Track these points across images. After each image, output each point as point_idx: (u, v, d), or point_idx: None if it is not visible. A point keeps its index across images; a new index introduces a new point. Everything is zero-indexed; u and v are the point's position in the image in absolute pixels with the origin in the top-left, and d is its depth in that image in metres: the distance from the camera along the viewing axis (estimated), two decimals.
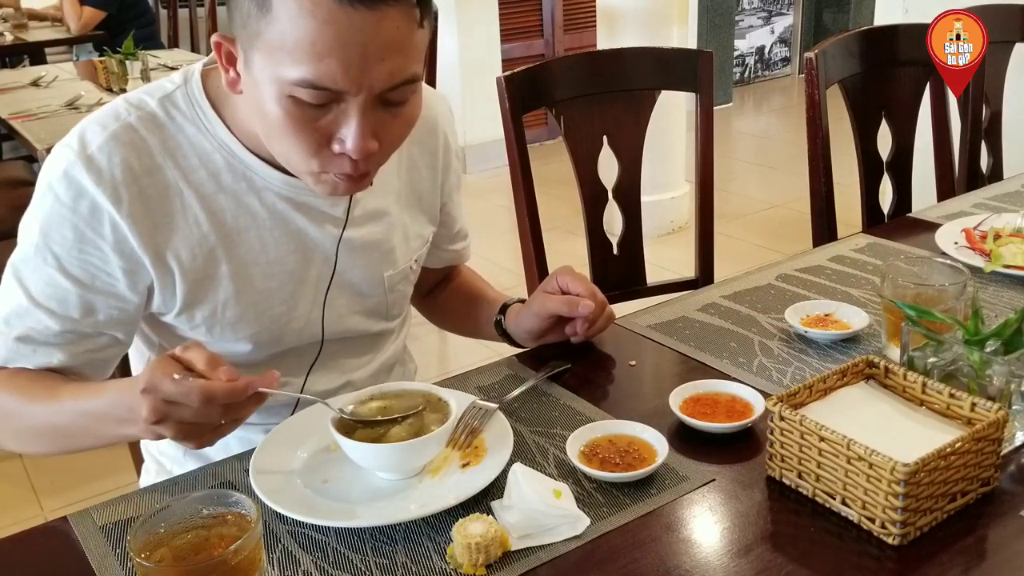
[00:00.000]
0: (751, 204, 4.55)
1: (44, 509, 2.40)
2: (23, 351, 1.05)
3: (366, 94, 0.93)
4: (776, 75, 7.12)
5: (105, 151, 1.02)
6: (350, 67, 0.90)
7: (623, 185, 1.82)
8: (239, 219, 1.09)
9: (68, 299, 1.04)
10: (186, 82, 1.08)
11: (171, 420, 0.88)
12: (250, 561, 0.79)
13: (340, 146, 0.96)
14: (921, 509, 0.87)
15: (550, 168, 3.90)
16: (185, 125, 1.06)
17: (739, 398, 1.10)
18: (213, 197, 1.07)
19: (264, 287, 1.12)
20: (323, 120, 0.95)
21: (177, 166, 1.06)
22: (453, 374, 1.24)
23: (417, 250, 1.27)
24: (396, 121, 0.98)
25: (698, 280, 1.87)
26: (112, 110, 1.06)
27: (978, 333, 1.00)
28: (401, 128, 1.00)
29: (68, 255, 1.03)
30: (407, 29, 0.92)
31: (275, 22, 0.89)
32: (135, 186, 1.03)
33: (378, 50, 0.90)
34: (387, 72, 0.92)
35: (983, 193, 1.87)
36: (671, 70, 1.83)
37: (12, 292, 1.05)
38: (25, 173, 3.39)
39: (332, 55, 0.89)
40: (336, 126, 0.95)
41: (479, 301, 1.40)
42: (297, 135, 0.95)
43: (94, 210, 1.02)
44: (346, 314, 1.21)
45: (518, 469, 0.95)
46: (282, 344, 1.17)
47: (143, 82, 3.45)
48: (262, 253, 1.11)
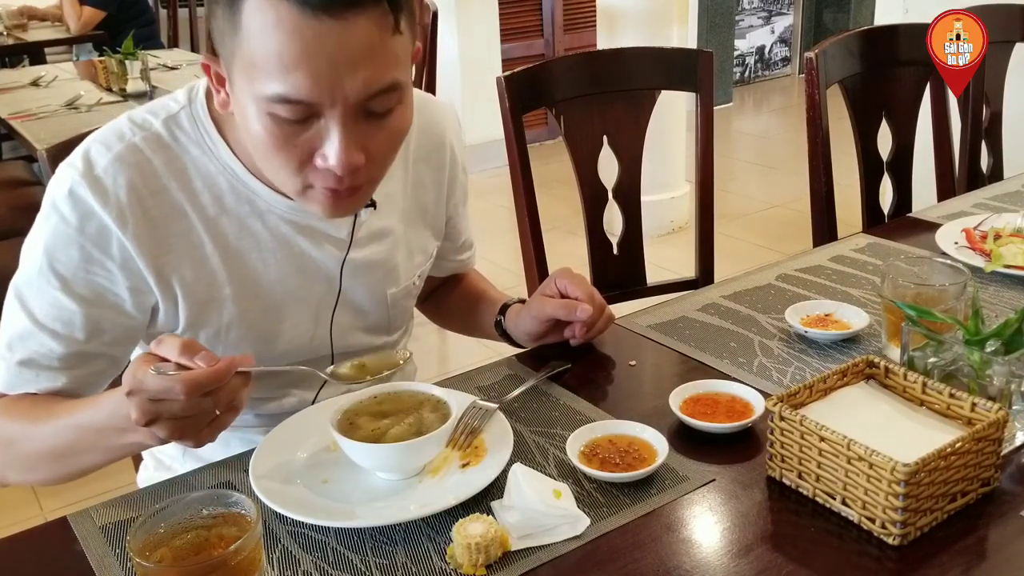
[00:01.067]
0: (751, 204, 4.54)
1: (44, 509, 2.40)
2: (26, 376, 1.04)
3: (342, 106, 0.91)
4: (776, 75, 7.12)
5: (111, 172, 1.01)
6: (319, 78, 0.88)
7: (623, 185, 1.82)
8: (242, 241, 1.08)
9: (73, 321, 1.03)
10: (191, 102, 1.07)
11: (163, 419, 0.86)
12: (250, 561, 0.79)
13: (323, 161, 0.94)
14: (921, 509, 0.87)
15: (550, 168, 3.90)
16: (190, 147, 1.05)
17: (739, 398, 1.10)
18: (216, 220, 1.06)
19: (267, 308, 1.12)
20: (304, 135, 0.93)
21: (182, 188, 1.05)
22: (453, 374, 1.24)
23: (420, 266, 1.26)
24: (382, 132, 0.96)
25: (698, 280, 1.87)
26: (116, 130, 1.05)
27: (978, 333, 1.00)
28: (389, 139, 0.98)
29: (74, 276, 1.02)
30: (380, 36, 0.89)
31: (246, 39, 0.89)
32: (140, 208, 1.02)
33: (348, 59, 0.88)
34: (361, 82, 0.90)
35: (983, 193, 1.87)
36: (671, 70, 1.83)
37: (15, 315, 1.04)
38: (25, 173, 3.39)
39: (300, 67, 0.87)
40: (318, 141, 0.93)
41: (481, 302, 1.40)
42: (281, 153, 0.94)
43: (101, 231, 1.01)
44: (348, 331, 1.20)
45: (518, 469, 0.95)
46: (288, 361, 1.16)
47: (143, 82, 3.45)
48: (264, 275, 1.10)
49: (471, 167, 1.41)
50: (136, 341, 1.10)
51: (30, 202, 3.01)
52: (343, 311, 1.18)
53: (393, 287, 1.22)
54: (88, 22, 4.93)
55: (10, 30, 5.14)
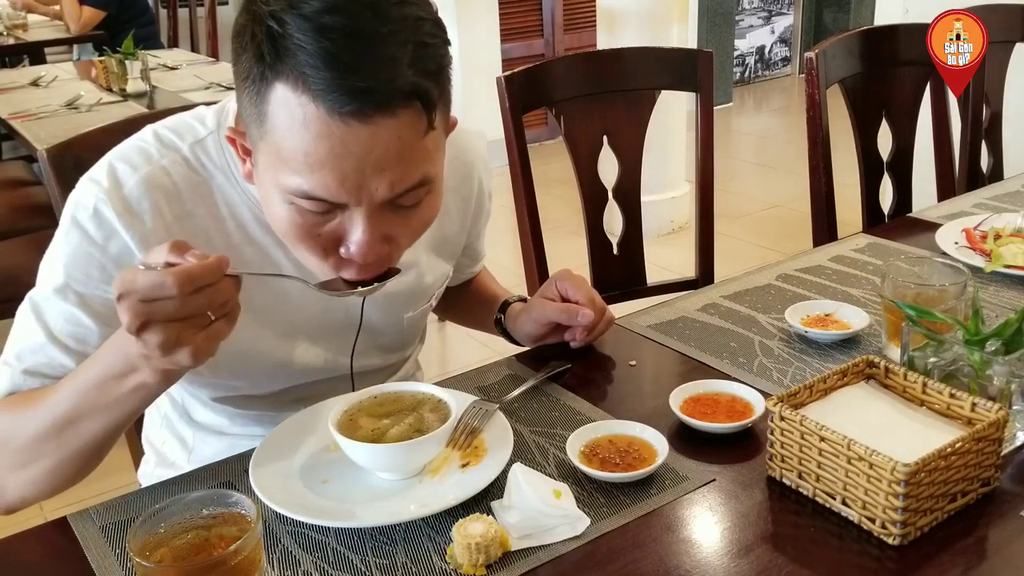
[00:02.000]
0: (751, 204, 4.55)
1: (44, 509, 2.39)
2: (30, 384, 1.02)
3: (368, 204, 0.88)
4: (776, 75, 7.12)
5: (136, 194, 0.99)
6: (345, 180, 0.86)
7: (623, 185, 1.82)
8: (264, 271, 1.06)
9: (88, 338, 1.01)
10: (219, 128, 1.05)
11: (156, 321, 0.81)
12: (250, 561, 0.79)
13: (347, 251, 0.92)
14: (921, 509, 0.87)
15: (550, 168, 3.90)
16: (215, 174, 1.04)
17: (739, 398, 1.10)
18: (240, 248, 1.05)
19: (285, 335, 1.12)
20: (329, 226, 0.91)
21: (207, 214, 1.04)
22: (453, 374, 1.24)
23: (436, 288, 1.26)
24: (409, 222, 0.94)
25: (698, 280, 1.87)
26: (142, 149, 1.03)
27: (978, 333, 1.00)
28: (415, 228, 0.96)
29: (92, 294, 1.00)
30: (411, 137, 0.86)
31: (271, 131, 0.86)
32: (164, 233, 1.00)
33: (377, 162, 0.85)
34: (388, 183, 0.87)
35: (983, 193, 1.87)
36: (671, 70, 1.83)
37: (29, 328, 1.02)
38: (25, 173, 3.39)
39: (326, 168, 0.85)
40: (343, 232, 0.91)
41: (482, 297, 1.41)
42: (305, 242, 0.92)
43: (123, 252, 0.99)
44: (362, 351, 1.20)
45: (518, 469, 0.95)
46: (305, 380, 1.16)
47: (143, 82, 3.45)
48: (285, 304, 1.10)
49: None
50: None
51: (30, 202, 3.01)
52: (360, 337, 1.18)
53: (410, 311, 1.22)
54: (88, 23, 4.94)
55: (10, 30, 5.14)
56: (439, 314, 1.51)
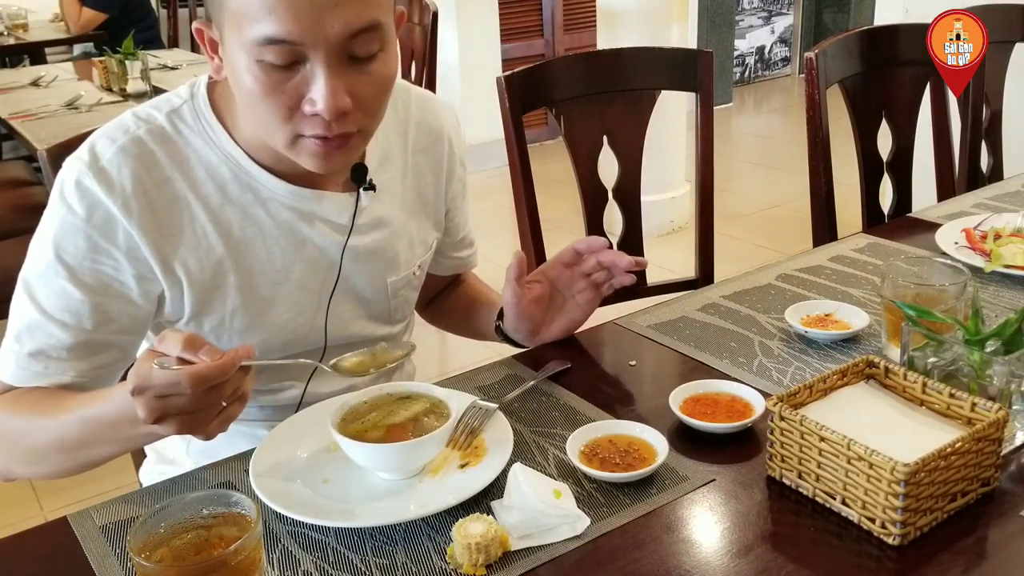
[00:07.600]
0: (751, 204, 4.54)
1: (44, 509, 2.40)
2: (35, 368, 1.04)
3: (325, 46, 0.93)
4: (776, 75, 7.12)
5: (115, 163, 1.04)
6: (301, 15, 0.91)
7: (623, 185, 1.82)
8: (246, 230, 1.10)
9: (81, 311, 1.04)
10: (192, 96, 1.10)
11: (170, 415, 0.86)
12: (250, 561, 0.79)
13: (311, 106, 0.96)
14: (921, 509, 0.87)
15: (550, 168, 3.90)
16: (192, 138, 1.08)
17: (739, 398, 1.10)
18: (220, 209, 1.08)
19: (271, 296, 1.13)
20: (292, 82, 0.95)
21: (185, 179, 1.07)
22: (453, 374, 1.24)
23: (421, 256, 1.27)
24: (368, 78, 0.98)
25: (698, 280, 1.87)
26: (121, 124, 1.08)
27: (978, 333, 1.00)
28: (375, 85, 0.99)
29: (81, 265, 1.03)
30: None
31: None
32: (144, 198, 1.04)
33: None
34: (342, 20, 0.92)
35: (983, 193, 1.87)
36: (671, 70, 1.83)
37: (24, 307, 1.05)
38: (25, 173, 3.39)
39: (282, 5, 0.90)
40: (305, 86, 0.96)
41: (479, 304, 1.40)
42: (269, 99, 0.96)
43: (108, 219, 1.03)
44: (350, 319, 1.21)
45: (518, 469, 0.95)
46: (287, 350, 1.17)
47: (143, 82, 3.45)
48: (268, 263, 1.12)
49: (471, 167, 1.41)
50: (144, 331, 1.11)
51: (30, 202, 3.01)
52: (343, 299, 1.19)
53: (393, 275, 1.22)
54: (87, 24, 4.93)
55: (11, 30, 5.14)
56: (438, 325, 1.50)
